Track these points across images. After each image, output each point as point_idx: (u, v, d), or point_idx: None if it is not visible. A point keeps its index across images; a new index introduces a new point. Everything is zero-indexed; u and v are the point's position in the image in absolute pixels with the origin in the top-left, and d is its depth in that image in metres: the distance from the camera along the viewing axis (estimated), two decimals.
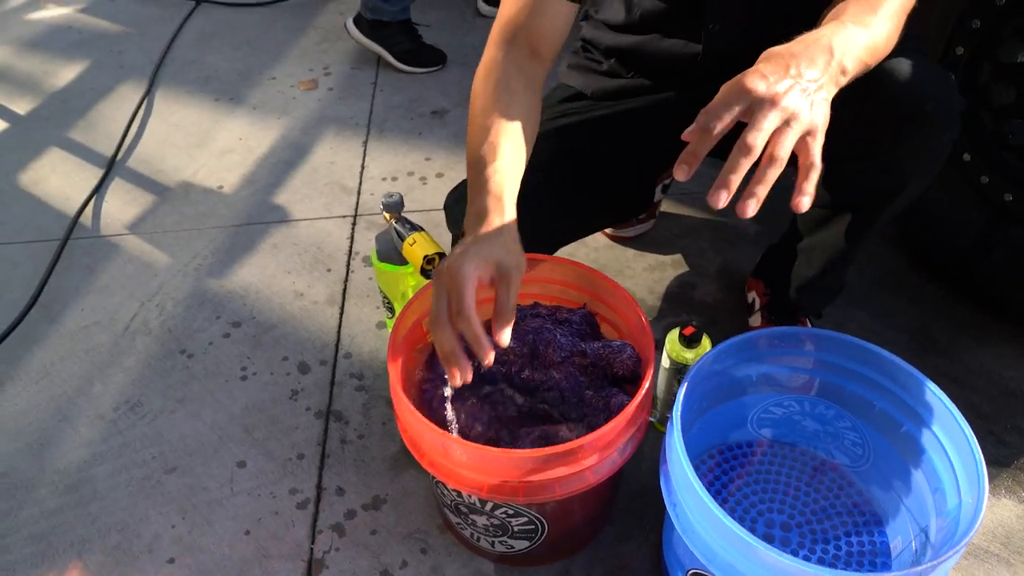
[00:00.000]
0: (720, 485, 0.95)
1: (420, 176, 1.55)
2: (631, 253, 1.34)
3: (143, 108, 1.81)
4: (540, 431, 0.79)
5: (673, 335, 0.94)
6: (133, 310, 1.29)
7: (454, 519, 0.88)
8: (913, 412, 0.80)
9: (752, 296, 1.18)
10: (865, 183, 0.88)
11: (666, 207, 1.42)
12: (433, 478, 0.82)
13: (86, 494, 1.02)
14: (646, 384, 0.73)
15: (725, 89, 0.57)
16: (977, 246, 1.14)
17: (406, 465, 1.03)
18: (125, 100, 1.84)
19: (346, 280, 1.32)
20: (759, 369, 0.88)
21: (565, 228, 1.00)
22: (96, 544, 0.97)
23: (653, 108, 1.00)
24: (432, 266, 0.91)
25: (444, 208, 0.96)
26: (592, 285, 0.89)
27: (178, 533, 0.97)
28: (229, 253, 1.39)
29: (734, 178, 0.55)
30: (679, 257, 1.33)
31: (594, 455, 0.71)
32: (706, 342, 0.93)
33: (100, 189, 1.56)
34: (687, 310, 1.23)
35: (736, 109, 0.56)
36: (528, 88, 0.81)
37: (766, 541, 0.63)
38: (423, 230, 0.95)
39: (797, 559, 0.61)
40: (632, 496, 0.97)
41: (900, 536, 0.86)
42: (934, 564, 0.62)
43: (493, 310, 0.65)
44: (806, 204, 0.56)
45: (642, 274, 1.30)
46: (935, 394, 0.76)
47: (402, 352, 0.81)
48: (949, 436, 0.75)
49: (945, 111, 0.81)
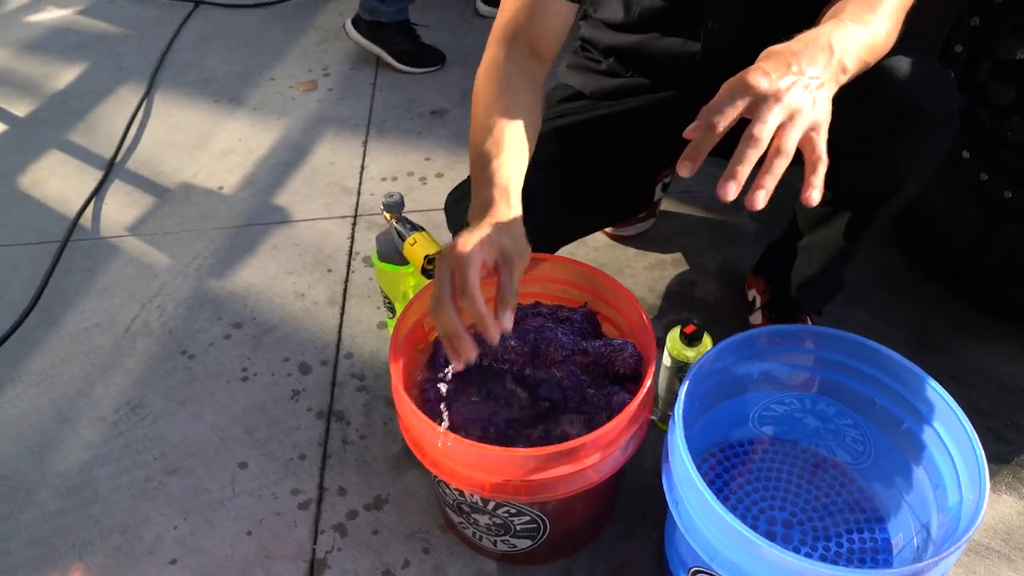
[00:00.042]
0: (722, 483, 0.95)
1: (420, 176, 1.55)
2: (631, 252, 1.34)
3: (142, 110, 1.81)
4: (542, 430, 0.79)
5: (674, 333, 0.94)
6: (134, 312, 1.29)
7: (456, 518, 0.88)
8: (914, 409, 0.80)
9: (752, 294, 1.18)
10: (864, 181, 0.88)
11: (666, 206, 1.42)
12: (435, 478, 0.82)
13: (87, 496, 1.02)
14: (648, 382, 0.74)
15: (728, 86, 0.57)
16: (975, 244, 1.14)
17: (408, 465, 1.03)
18: (124, 102, 1.84)
19: (347, 280, 1.32)
20: (760, 367, 0.88)
21: (565, 228, 1.00)
22: (98, 546, 0.97)
23: (652, 107, 1.00)
24: (433, 266, 0.91)
25: (444, 209, 0.96)
26: (593, 284, 0.89)
27: (180, 534, 0.97)
28: (230, 254, 1.39)
29: (742, 169, 0.55)
30: (679, 256, 1.33)
31: (596, 453, 0.72)
32: (707, 340, 0.93)
33: (100, 191, 1.56)
34: (688, 308, 1.24)
35: (740, 105, 0.56)
36: (530, 86, 0.81)
37: (768, 539, 0.63)
38: (424, 230, 0.95)
39: (799, 556, 0.61)
40: (634, 494, 0.97)
41: (902, 533, 0.86)
42: (936, 560, 0.63)
43: (495, 294, 0.65)
44: (816, 197, 0.57)
45: (642, 273, 1.30)
46: (936, 391, 0.76)
47: (404, 352, 0.81)
48: (950, 433, 0.76)
49: (944, 109, 0.81)
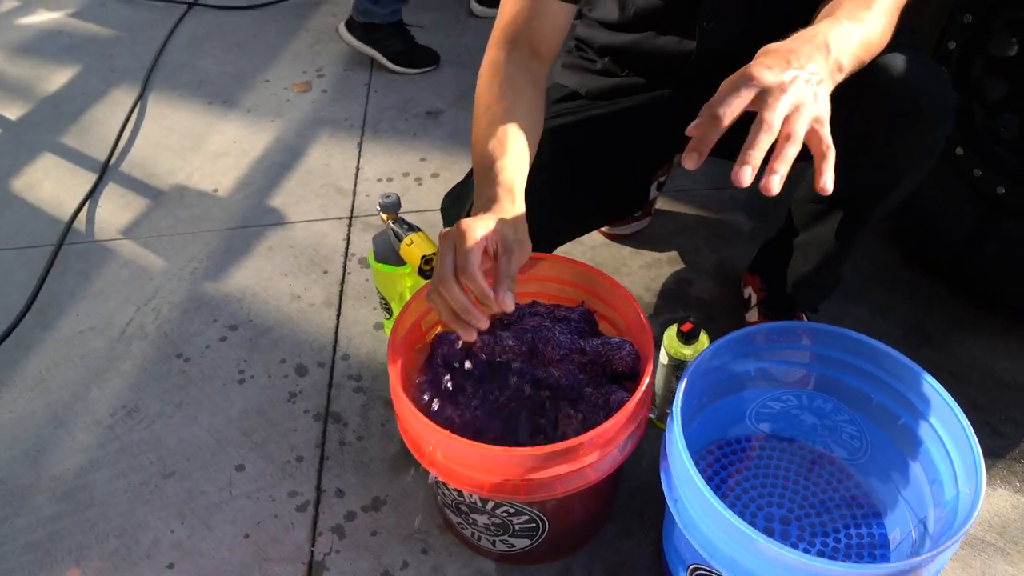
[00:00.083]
0: (719, 480, 0.95)
1: (415, 177, 1.55)
2: (627, 251, 1.34)
3: (136, 112, 1.80)
4: (541, 429, 0.79)
5: (671, 331, 0.94)
6: (129, 315, 1.28)
7: (455, 519, 0.88)
8: (910, 404, 0.80)
9: (748, 292, 1.18)
10: (860, 179, 0.88)
11: (661, 204, 1.42)
12: (434, 478, 0.82)
13: (83, 500, 1.02)
14: (646, 380, 0.74)
15: (730, 81, 0.58)
16: (970, 240, 1.15)
17: (405, 466, 1.03)
18: (117, 104, 1.83)
19: (343, 282, 1.32)
20: (757, 364, 0.88)
21: (562, 227, 1.00)
22: (94, 551, 0.96)
23: (648, 106, 1.00)
24: (430, 266, 0.91)
25: (440, 210, 0.96)
26: (590, 283, 0.89)
27: (177, 538, 0.97)
28: (225, 256, 1.39)
29: (755, 154, 0.55)
30: (675, 254, 1.33)
31: (594, 452, 0.72)
32: (704, 338, 0.93)
33: (94, 194, 1.56)
34: (684, 307, 1.24)
35: (746, 96, 0.56)
36: (531, 85, 0.81)
37: (766, 535, 0.63)
38: (420, 230, 0.95)
39: (798, 552, 0.62)
40: (632, 493, 0.97)
41: (899, 527, 0.86)
42: (932, 555, 0.63)
43: (494, 277, 0.65)
44: (831, 185, 0.57)
45: (639, 271, 1.30)
46: (932, 386, 0.76)
47: (402, 353, 0.81)
48: (946, 428, 0.76)
49: (939, 106, 0.81)
